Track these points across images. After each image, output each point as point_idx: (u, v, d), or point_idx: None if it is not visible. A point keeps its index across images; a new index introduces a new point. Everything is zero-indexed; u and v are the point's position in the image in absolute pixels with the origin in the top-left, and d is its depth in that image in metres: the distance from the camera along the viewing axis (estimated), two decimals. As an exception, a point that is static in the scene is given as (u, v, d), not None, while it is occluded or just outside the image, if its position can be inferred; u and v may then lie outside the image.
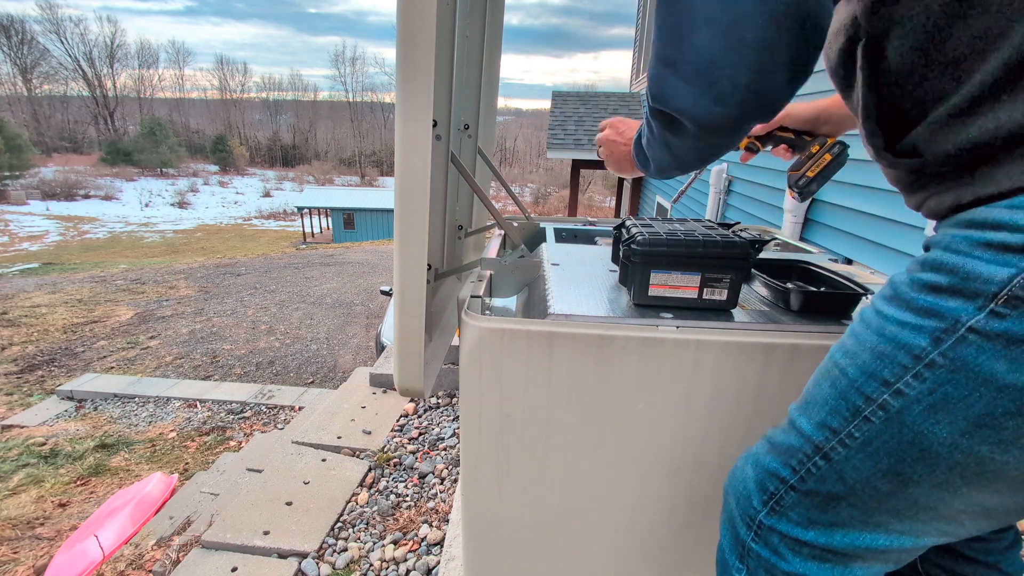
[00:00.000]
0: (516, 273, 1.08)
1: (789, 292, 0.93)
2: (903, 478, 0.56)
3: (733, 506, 0.72)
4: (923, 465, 0.54)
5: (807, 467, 0.62)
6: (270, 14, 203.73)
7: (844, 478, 0.59)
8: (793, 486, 0.64)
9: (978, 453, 0.51)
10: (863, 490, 0.58)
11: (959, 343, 0.49)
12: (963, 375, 0.49)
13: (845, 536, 0.62)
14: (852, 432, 0.57)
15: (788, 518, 0.65)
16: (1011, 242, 0.46)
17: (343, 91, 79.31)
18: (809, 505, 0.63)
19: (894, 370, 0.54)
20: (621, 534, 1.00)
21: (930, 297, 0.51)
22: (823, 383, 0.62)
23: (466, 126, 1.29)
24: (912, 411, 0.53)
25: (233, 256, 14.90)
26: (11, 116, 48.28)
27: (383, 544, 1.90)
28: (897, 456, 0.55)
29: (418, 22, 0.69)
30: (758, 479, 0.68)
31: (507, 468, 0.95)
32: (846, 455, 0.58)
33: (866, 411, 0.56)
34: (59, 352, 6.12)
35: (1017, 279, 0.45)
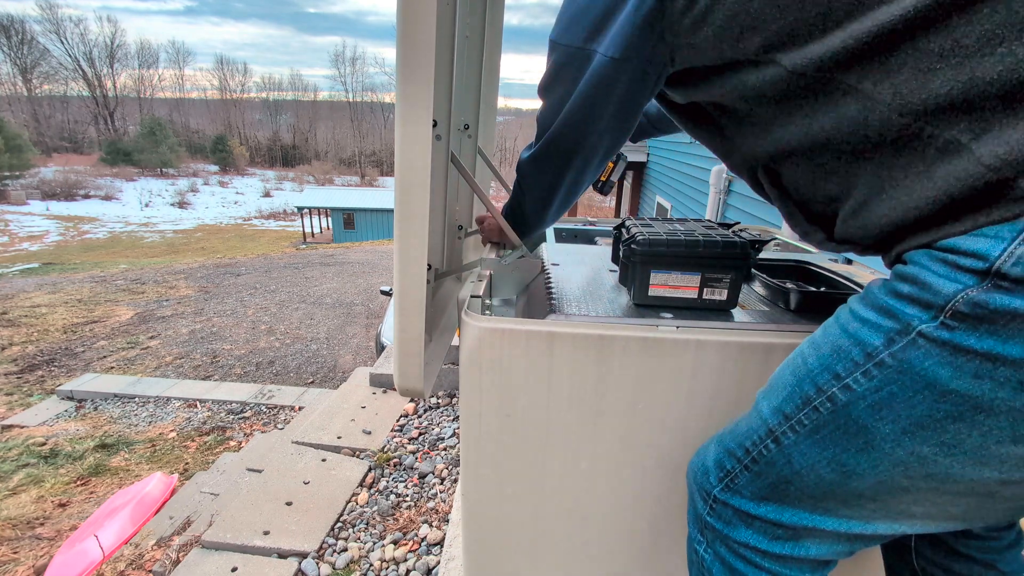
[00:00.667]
0: (516, 273, 1.08)
1: (789, 292, 0.93)
2: (847, 469, 0.58)
3: (692, 483, 0.77)
4: (866, 458, 0.57)
5: (759, 449, 0.66)
6: (269, 14, 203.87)
7: (792, 462, 0.63)
8: (747, 466, 0.67)
9: (921, 453, 0.53)
10: (809, 475, 0.62)
11: (909, 346, 0.52)
12: (909, 376, 0.52)
13: (795, 514, 0.65)
14: (802, 419, 0.61)
15: (741, 494, 0.69)
16: (962, 263, 0.50)
17: (343, 91, 79.32)
18: (761, 484, 0.67)
19: (846, 365, 0.57)
20: (621, 534, 1.00)
21: (893, 300, 0.55)
22: (786, 370, 0.65)
23: (466, 126, 1.29)
24: (858, 406, 0.56)
25: (233, 256, 14.90)
26: (11, 116, 48.27)
27: (383, 544, 1.90)
28: (842, 446, 0.58)
29: (418, 22, 0.69)
30: (717, 458, 0.72)
31: (507, 468, 0.95)
32: (795, 440, 0.62)
33: (816, 401, 0.59)
34: (59, 352, 6.12)
35: (960, 295, 0.48)
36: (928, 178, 0.53)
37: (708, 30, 0.64)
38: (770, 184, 0.72)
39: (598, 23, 0.74)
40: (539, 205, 0.97)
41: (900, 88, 0.52)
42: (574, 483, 0.95)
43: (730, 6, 0.61)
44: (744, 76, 0.64)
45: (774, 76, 0.61)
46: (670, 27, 0.67)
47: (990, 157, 0.49)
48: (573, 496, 0.97)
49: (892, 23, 0.51)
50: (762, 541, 0.68)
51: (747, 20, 0.60)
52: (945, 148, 0.52)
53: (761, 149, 0.69)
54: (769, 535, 0.67)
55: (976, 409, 0.49)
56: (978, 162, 0.50)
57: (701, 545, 0.75)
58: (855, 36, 0.53)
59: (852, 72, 0.55)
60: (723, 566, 0.71)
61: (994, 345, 0.47)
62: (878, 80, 0.53)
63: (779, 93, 0.62)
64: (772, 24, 0.58)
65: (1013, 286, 0.46)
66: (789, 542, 0.67)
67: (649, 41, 0.69)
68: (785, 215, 0.73)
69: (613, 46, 0.71)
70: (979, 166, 0.49)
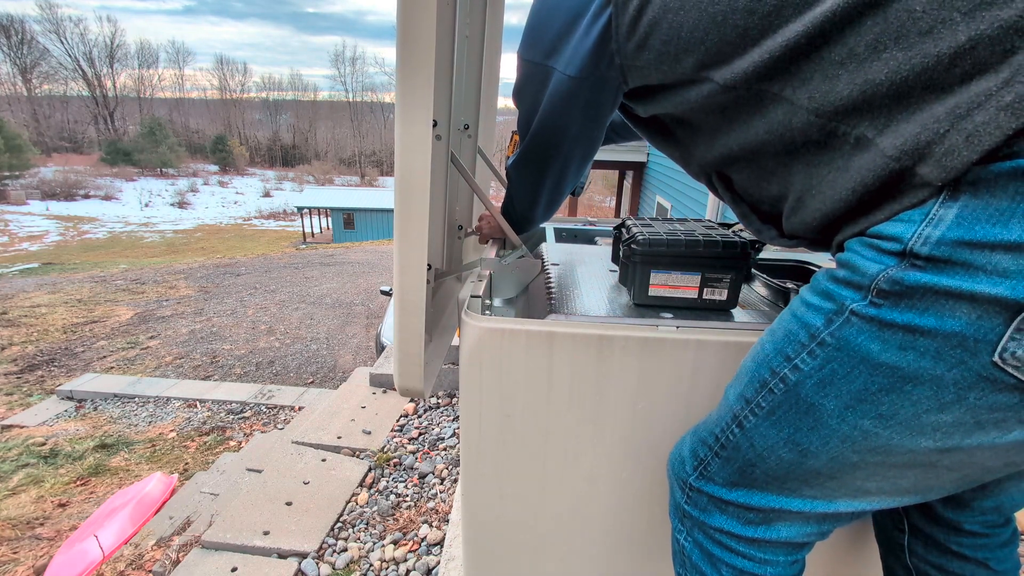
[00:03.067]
0: (516, 273, 1.08)
1: (789, 292, 0.93)
2: (802, 448, 0.62)
3: (671, 472, 0.80)
4: (817, 436, 0.60)
5: (727, 435, 0.69)
6: (268, 14, 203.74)
7: (754, 445, 0.66)
8: (717, 452, 0.71)
9: (863, 427, 0.57)
10: (770, 457, 0.65)
11: (844, 324, 0.56)
12: (846, 353, 0.56)
13: (763, 498, 0.69)
14: (760, 402, 0.65)
15: (714, 481, 0.72)
16: (884, 247, 0.54)
17: (343, 91, 79.29)
18: (731, 470, 0.70)
19: (795, 347, 0.61)
20: (621, 534, 1.00)
21: (831, 285, 0.59)
22: (748, 358, 0.69)
23: (466, 126, 1.29)
24: (805, 385, 0.60)
25: (233, 256, 14.89)
26: (11, 116, 48.26)
27: (383, 544, 1.90)
28: (795, 426, 0.62)
29: (418, 22, 0.69)
30: (692, 447, 0.76)
31: (507, 468, 0.95)
32: (755, 423, 0.66)
33: (771, 383, 0.63)
34: (59, 352, 6.12)
35: (882, 274, 0.53)
36: (846, 171, 0.58)
37: (649, 54, 0.70)
38: (724, 188, 0.78)
39: (555, 42, 0.80)
40: (526, 205, 1.04)
41: (814, 93, 0.58)
42: (574, 483, 0.95)
43: (665, 32, 0.67)
44: (686, 93, 0.70)
45: (710, 91, 0.66)
46: (618, 50, 0.73)
47: (892, 149, 0.54)
48: (573, 496, 0.97)
49: (797, 38, 0.57)
50: (736, 526, 0.71)
51: (680, 44, 0.66)
52: (857, 143, 0.57)
53: (711, 156, 0.75)
54: (742, 519, 0.71)
55: (904, 380, 0.53)
56: (883, 154, 0.54)
57: (681, 534, 0.77)
58: (770, 51, 0.59)
59: (775, 82, 0.60)
60: (701, 552, 0.75)
61: (912, 318, 0.51)
62: (796, 87, 0.59)
63: (718, 106, 0.68)
64: (701, 45, 0.65)
65: (925, 264, 0.50)
66: (761, 526, 0.70)
67: (602, 61, 0.75)
68: (739, 216, 0.78)
69: (571, 65, 0.78)
70: (884, 158, 0.54)
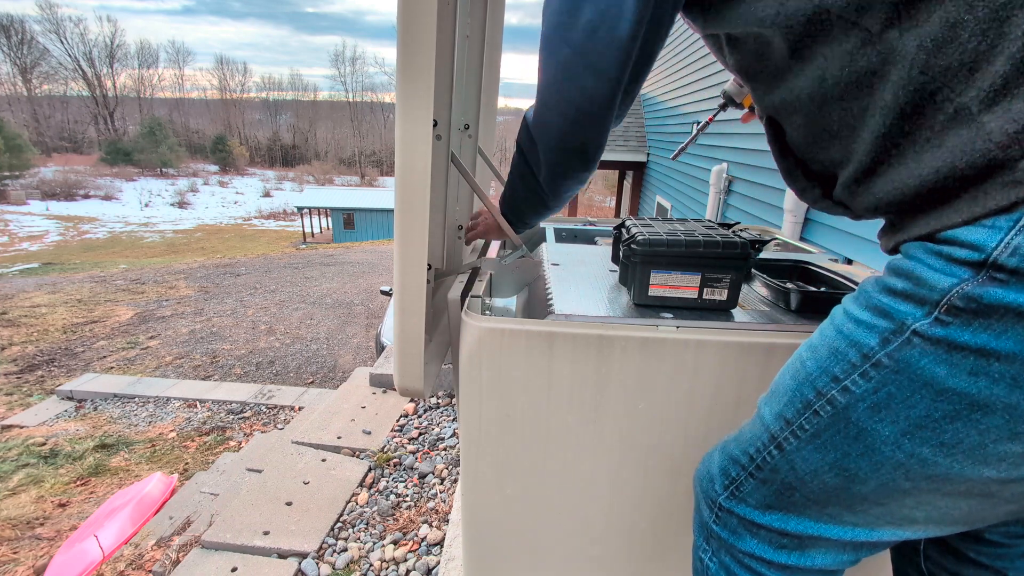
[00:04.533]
0: (516, 273, 1.08)
1: (789, 292, 0.93)
2: (849, 474, 0.57)
3: (698, 490, 0.75)
4: (868, 462, 0.56)
5: (763, 455, 0.65)
6: (267, 13, 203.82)
7: (795, 468, 0.61)
8: (751, 473, 0.66)
9: (920, 455, 0.52)
10: (812, 482, 0.61)
11: (904, 345, 0.51)
12: (906, 376, 0.51)
13: (800, 523, 0.64)
14: (803, 424, 0.60)
15: (746, 502, 0.67)
16: (957, 255, 0.48)
17: (343, 91, 79.31)
18: (766, 492, 0.65)
19: (844, 367, 0.56)
20: (621, 534, 1.00)
21: (886, 298, 0.53)
22: (786, 375, 0.64)
23: (466, 126, 1.29)
24: (857, 408, 0.55)
25: (233, 256, 14.89)
26: (11, 116, 48.26)
27: (383, 544, 1.90)
28: (843, 451, 0.57)
29: (418, 22, 0.69)
30: (722, 465, 0.71)
31: (507, 468, 0.95)
32: (797, 446, 0.61)
33: (816, 405, 0.58)
34: (59, 352, 6.12)
35: (956, 289, 0.47)
36: (937, 147, 0.50)
37: None
38: (772, 137, 0.70)
39: None
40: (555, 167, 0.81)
41: (924, 41, 0.48)
42: (574, 483, 0.95)
43: None
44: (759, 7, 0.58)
45: (792, 11, 0.55)
46: None
47: (999, 132, 0.46)
48: (573, 496, 0.97)
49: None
50: (767, 551, 0.67)
51: None
52: (955, 116, 0.49)
53: (768, 97, 0.66)
54: (774, 544, 0.66)
55: (973, 407, 0.48)
56: (985, 136, 0.47)
57: (707, 554, 0.73)
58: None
59: (878, 15, 0.50)
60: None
61: (987, 340, 0.46)
62: (905, 30, 0.49)
63: (794, 34, 0.57)
64: None
65: (1008, 278, 0.45)
66: (795, 552, 0.66)
67: None
68: (783, 171, 0.71)
69: None
70: (986, 141, 0.47)
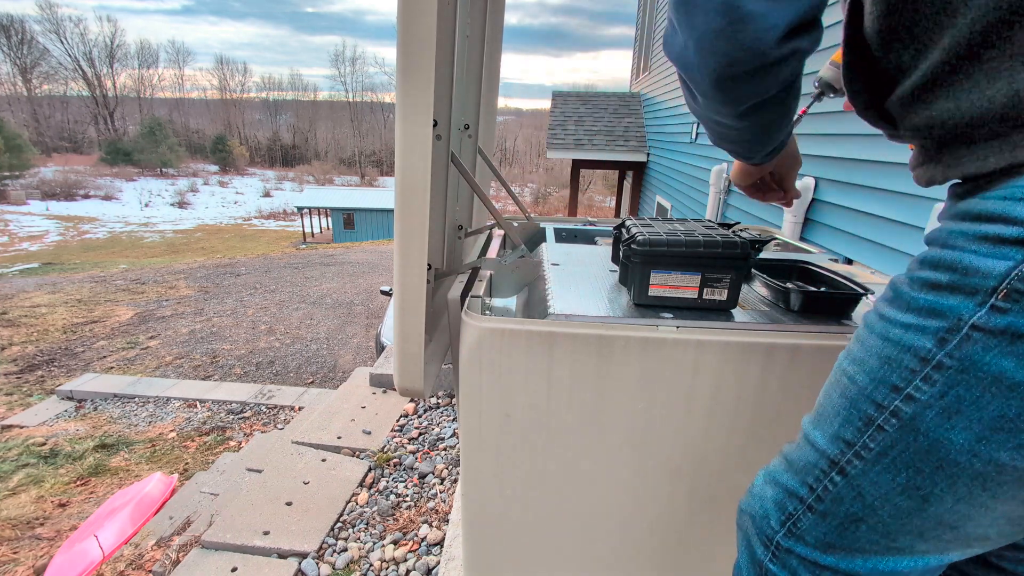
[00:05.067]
0: (516, 273, 1.08)
1: (789, 292, 0.93)
2: (924, 493, 0.52)
3: (749, 525, 0.68)
4: (943, 477, 0.51)
5: (824, 484, 0.58)
6: (267, 13, 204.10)
7: (863, 495, 0.56)
8: (810, 506, 0.60)
9: (998, 460, 0.48)
10: (883, 508, 0.55)
11: (964, 342, 0.47)
12: (972, 375, 0.47)
13: (867, 561, 0.58)
14: (867, 443, 0.54)
15: (805, 541, 0.61)
16: (1007, 234, 0.44)
17: (343, 91, 79.35)
18: (827, 528, 0.59)
19: (902, 374, 0.51)
20: (622, 534, 1.00)
21: (930, 295, 0.50)
22: (833, 393, 0.59)
23: (466, 126, 1.29)
24: (926, 417, 0.50)
25: (233, 256, 14.89)
26: (11, 116, 48.25)
27: (383, 544, 1.90)
28: (915, 467, 0.52)
29: (418, 22, 0.69)
30: (776, 498, 0.64)
31: (507, 468, 0.95)
32: (863, 468, 0.55)
33: (879, 419, 0.53)
34: (59, 352, 6.12)
35: (1015, 272, 0.43)
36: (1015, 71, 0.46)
37: None
38: (848, 21, 0.62)
39: None
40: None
41: None
42: (574, 483, 0.95)
43: None
44: None
45: None
46: None
47: None
48: (573, 496, 0.97)
49: None
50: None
51: None
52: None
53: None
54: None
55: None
56: None
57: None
58: None
59: None
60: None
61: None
62: None
63: None
64: None
65: None
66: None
67: None
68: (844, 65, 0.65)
69: None
70: None
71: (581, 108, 8.52)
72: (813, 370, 0.83)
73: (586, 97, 8.95)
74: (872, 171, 2.40)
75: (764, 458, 0.90)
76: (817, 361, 0.83)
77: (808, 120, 3.02)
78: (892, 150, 2.26)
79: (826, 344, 0.82)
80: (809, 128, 2.99)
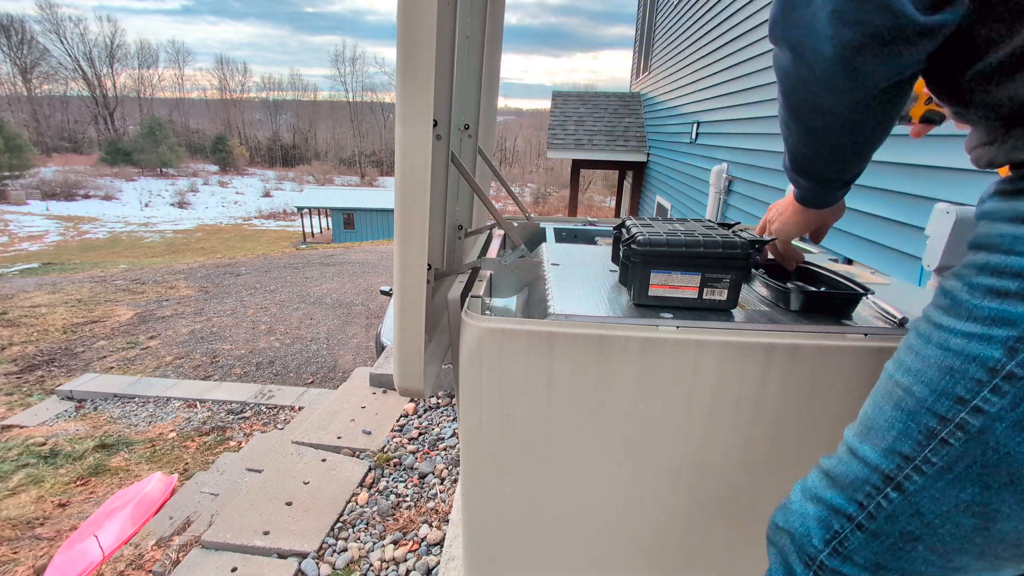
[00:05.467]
0: (516, 273, 1.08)
1: (789, 292, 0.93)
2: (990, 510, 0.50)
3: (787, 543, 0.65)
4: (1012, 493, 0.48)
5: (876, 501, 0.56)
6: (267, 13, 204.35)
7: (921, 512, 0.53)
8: (860, 524, 0.57)
9: None
10: (943, 527, 0.52)
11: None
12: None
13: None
14: (929, 457, 0.52)
15: (853, 561, 0.58)
16: None
17: (343, 91, 79.38)
18: (878, 548, 0.56)
19: (968, 385, 0.49)
20: (622, 535, 1.00)
21: (995, 303, 0.48)
22: (885, 405, 0.57)
23: (466, 126, 1.29)
24: (995, 430, 0.48)
25: (233, 256, 14.89)
26: (11, 116, 48.27)
27: (383, 544, 1.90)
28: (982, 483, 0.49)
29: (418, 22, 0.69)
30: (820, 516, 0.61)
31: (507, 468, 0.95)
32: (923, 484, 0.52)
33: (942, 432, 0.51)
34: (59, 352, 6.12)
35: None
36: None
37: None
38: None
39: None
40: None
41: None
42: (574, 483, 0.95)
43: None
44: None
45: None
46: None
47: None
48: (573, 496, 0.97)
49: None
50: None
51: None
52: None
53: None
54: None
55: None
56: None
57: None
58: None
59: None
60: None
61: None
62: None
63: None
64: None
65: None
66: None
67: None
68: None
69: None
70: None
71: (581, 108, 8.52)
72: (813, 370, 0.83)
73: (586, 97, 8.95)
74: (872, 171, 2.41)
75: (764, 458, 0.90)
76: (817, 361, 0.83)
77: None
78: (892, 150, 2.26)
79: (826, 344, 0.82)
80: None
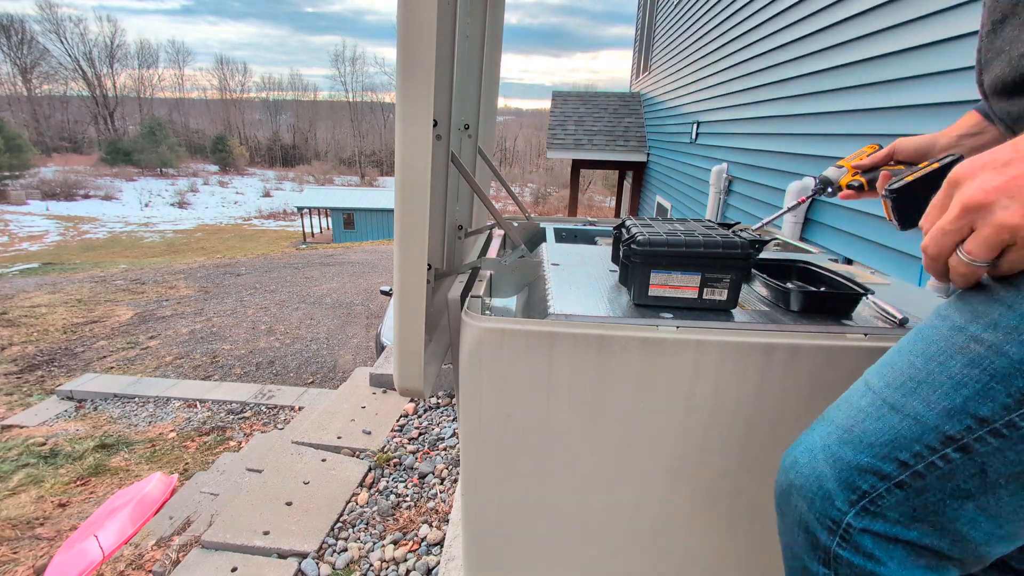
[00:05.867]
0: (516, 273, 1.08)
1: (789, 292, 0.93)
2: None
3: (804, 508, 0.61)
4: None
5: (930, 460, 0.53)
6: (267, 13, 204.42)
7: (985, 472, 0.51)
8: (902, 482, 0.54)
9: None
10: (1004, 489, 0.50)
11: None
12: None
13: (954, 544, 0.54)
14: (1016, 421, 0.49)
15: (886, 517, 0.56)
16: None
17: (343, 91, 79.41)
18: (919, 504, 0.54)
19: None
20: (622, 534, 1.00)
21: None
22: (951, 362, 0.53)
23: (466, 126, 1.29)
24: None
25: (233, 256, 14.89)
26: (11, 116, 48.28)
27: (383, 544, 1.90)
28: None
29: (419, 22, 0.69)
30: (841, 476, 0.58)
31: (507, 468, 0.95)
32: (999, 446, 0.50)
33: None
34: (59, 352, 6.12)
35: None
36: None
37: None
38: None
39: None
40: None
41: None
42: (574, 483, 0.95)
43: None
44: None
45: None
46: None
47: None
48: (573, 496, 0.97)
49: None
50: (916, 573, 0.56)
51: None
52: None
53: None
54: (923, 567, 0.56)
55: None
56: None
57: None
58: None
59: None
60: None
61: None
62: None
63: None
64: None
65: None
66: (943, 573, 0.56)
67: None
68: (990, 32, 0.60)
69: None
70: None
71: (581, 108, 8.52)
72: (813, 370, 0.83)
73: (586, 97, 8.95)
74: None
75: (764, 458, 0.90)
76: (817, 361, 0.83)
77: (809, 120, 3.02)
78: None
79: (826, 344, 0.82)
80: (810, 128, 3.00)
